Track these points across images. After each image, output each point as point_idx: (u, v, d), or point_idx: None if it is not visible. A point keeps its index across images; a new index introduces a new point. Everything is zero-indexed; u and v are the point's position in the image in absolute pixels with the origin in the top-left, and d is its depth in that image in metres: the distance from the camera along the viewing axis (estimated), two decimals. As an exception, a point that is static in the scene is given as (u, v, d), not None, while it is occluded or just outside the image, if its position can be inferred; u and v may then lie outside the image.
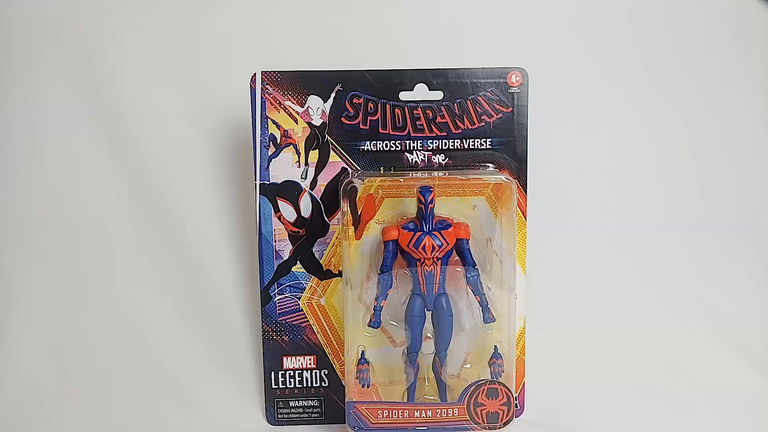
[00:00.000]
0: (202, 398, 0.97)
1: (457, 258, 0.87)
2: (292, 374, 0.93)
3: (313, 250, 0.91)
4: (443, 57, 0.99)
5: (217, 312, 1.04)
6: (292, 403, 0.93)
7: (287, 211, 0.90)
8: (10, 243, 1.04)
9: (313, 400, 0.93)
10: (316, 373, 0.93)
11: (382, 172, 0.90)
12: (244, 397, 0.97)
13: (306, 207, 0.90)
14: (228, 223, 1.05)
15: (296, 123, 0.89)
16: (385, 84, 0.89)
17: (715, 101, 1.11)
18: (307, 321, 0.92)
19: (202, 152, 1.05)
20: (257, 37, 1.04)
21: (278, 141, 0.89)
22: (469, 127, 0.89)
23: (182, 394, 0.97)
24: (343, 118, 0.89)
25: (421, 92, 0.89)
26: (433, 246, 0.85)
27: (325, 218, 0.90)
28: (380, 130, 0.89)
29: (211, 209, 1.05)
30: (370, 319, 0.87)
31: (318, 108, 0.89)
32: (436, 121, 0.89)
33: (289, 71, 0.89)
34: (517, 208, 0.89)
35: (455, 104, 0.89)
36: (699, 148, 1.12)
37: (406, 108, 0.89)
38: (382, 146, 0.89)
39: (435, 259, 0.85)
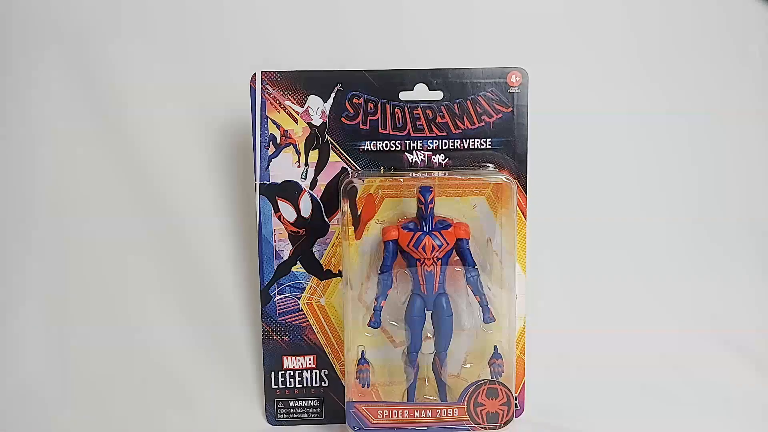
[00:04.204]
0: (202, 398, 0.97)
1: (457, 258, 0.87)
2: (292, 374, 0.93)
3: (313, 250, 0.91)
4: (443, 57, 0.99)
5: (217, 312, 1.04)
6: (292, 403, 0.93)
7: (287, 211, 0.90)
8: (11, 243, 1.04)
9: (313, 400, 0.93)
10: (316, 373, 0.93)
11: (382, 172, 0.90)
12: (244, 397, 0.97)
13: (306, 207, 0.90)
14: (228, 223, 1.05)
15: (296, 123, 0.89)
16: (385, 84, 0.89)
17: (715, 101, 1.11)
18: (307, 321, 0.92)
19: (202, 152, 1.05)
20: (257, 37, 1.04)
21: (278, 141, 0.89)
22: (469, 127, 0.89)
23: (182, 393, 0.97)
24: (343, 118, 0.89)
25: (421, 92, 0.89)
26: (433, 246, 0.85)
27: (325, 218, 0.90)
28: (380, 130, 0.89)
29: (211, 209, 1.05)
30: (370, 319, 0.87)
31: (318, 108, 0.89)
32: (436, 121, 0.89)
33: (289, 71, 0.89)
34: (517, 208, 0.89)
35: (455, 104, 0.89)
36: (699, 148, 1.12)
37: (406, 108, 0.89)
38: (382, 146, 0.89)
39: (435, 259, 0.85)
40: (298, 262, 0.91)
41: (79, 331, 1.02)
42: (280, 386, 0.93)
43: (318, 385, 0.93)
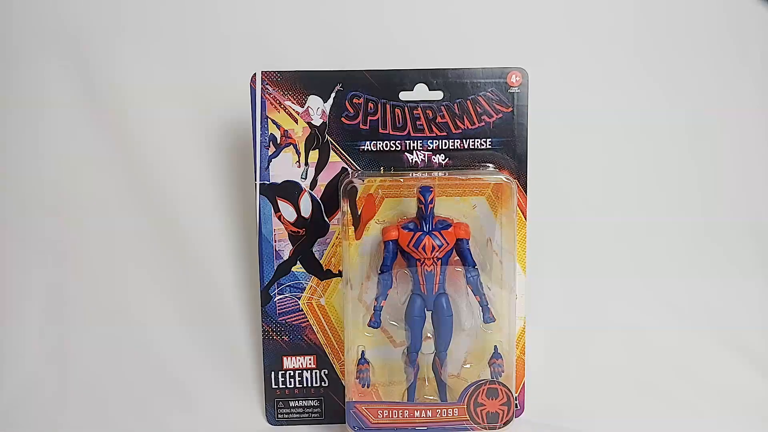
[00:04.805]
0: (202, 398, 0.97)
1: (457, 258, 0.87)
2: (292, 374, 0.93)
3: (313, 250, 0.91)
4: (443, 57, 0.99)
5: (217, 312, 1.04)
6: (292, 403, 0.93)
7: (287, 211, 0.90)
8: (11, 243, 1.04)
9: (313, 400, 0.93)
10: (316, 373, 0.93)
11: (382, 172, 0.90)
12: (244, 397, 0.97)
13: (306, 207, 0.90)
14: (228, 223, 1.05)
15: (296, 123, 0.89)
16: (385, 84, 0.89)
17: (715, 101, 1.11)
18: (307, 321, 0.92)
19: (203, 152, 1.05)
20: (257, 37, 1.04)
21: (278, 141, 0.89)
22: (469, 127, 0.89)
23: (182, 394, 0.97)
24: (343, 118, 0.89)
25: (421, 92, 0.89)
26: (433, 246, 0.85)
27: (325, 218, 0.90)
28: (380, 130, 0.89)
29: (211, 209, 1.05)
30: (370, 319, 0.87)
31: (318, 108, 0.89)
32: (436, 121, 0.89)
33: (289, 71, 0.89)
34: (517, 208, 0.89)
35: (455, 104, 0.89)
36: (699, 148, 1.12)
37: (406, 108, 0.89)
38: (382, 146, 0.89)
39: (435, 259, 0.85)
40: (298, 262, 0.91)
41: (79, 331, 1.02)
42: (280, 386, 0.93)
43: (318, 385, 0.93)
